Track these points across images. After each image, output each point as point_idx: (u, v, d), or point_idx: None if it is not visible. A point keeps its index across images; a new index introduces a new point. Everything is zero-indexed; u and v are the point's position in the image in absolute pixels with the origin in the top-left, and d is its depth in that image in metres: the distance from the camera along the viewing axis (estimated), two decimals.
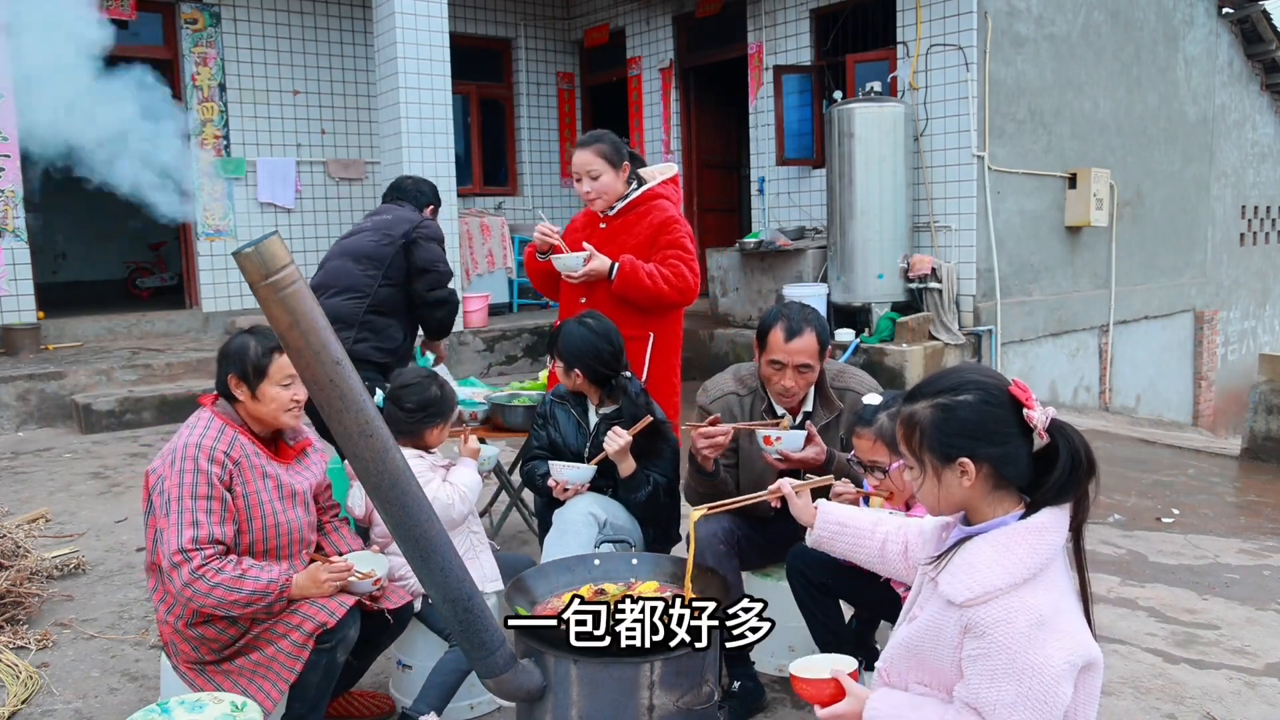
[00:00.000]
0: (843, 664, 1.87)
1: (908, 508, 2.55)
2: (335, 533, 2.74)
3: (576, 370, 3.11)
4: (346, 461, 2.83)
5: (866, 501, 2.57)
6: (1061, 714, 1.59)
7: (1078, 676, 1.63)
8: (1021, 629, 1.58)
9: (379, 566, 2.55)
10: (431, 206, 4.26)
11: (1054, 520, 1.67)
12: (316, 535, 2.66)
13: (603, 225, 3.61)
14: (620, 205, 3.58)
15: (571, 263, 3.43)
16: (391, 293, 3.98)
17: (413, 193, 4.27)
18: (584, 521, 2.90)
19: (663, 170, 3.71)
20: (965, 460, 1.68)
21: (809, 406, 2.92)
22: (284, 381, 2.46)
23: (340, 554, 2.63)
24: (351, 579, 2.49)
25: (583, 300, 3.53)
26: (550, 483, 3.02)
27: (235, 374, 2.46)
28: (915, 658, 1.79)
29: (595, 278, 3.44)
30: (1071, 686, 1.59)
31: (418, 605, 2.75)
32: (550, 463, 3.05)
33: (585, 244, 3.49)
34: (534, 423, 3.35)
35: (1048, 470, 1.68)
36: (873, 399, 2.57)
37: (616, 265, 3.42)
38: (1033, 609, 1.59)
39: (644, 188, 3.61)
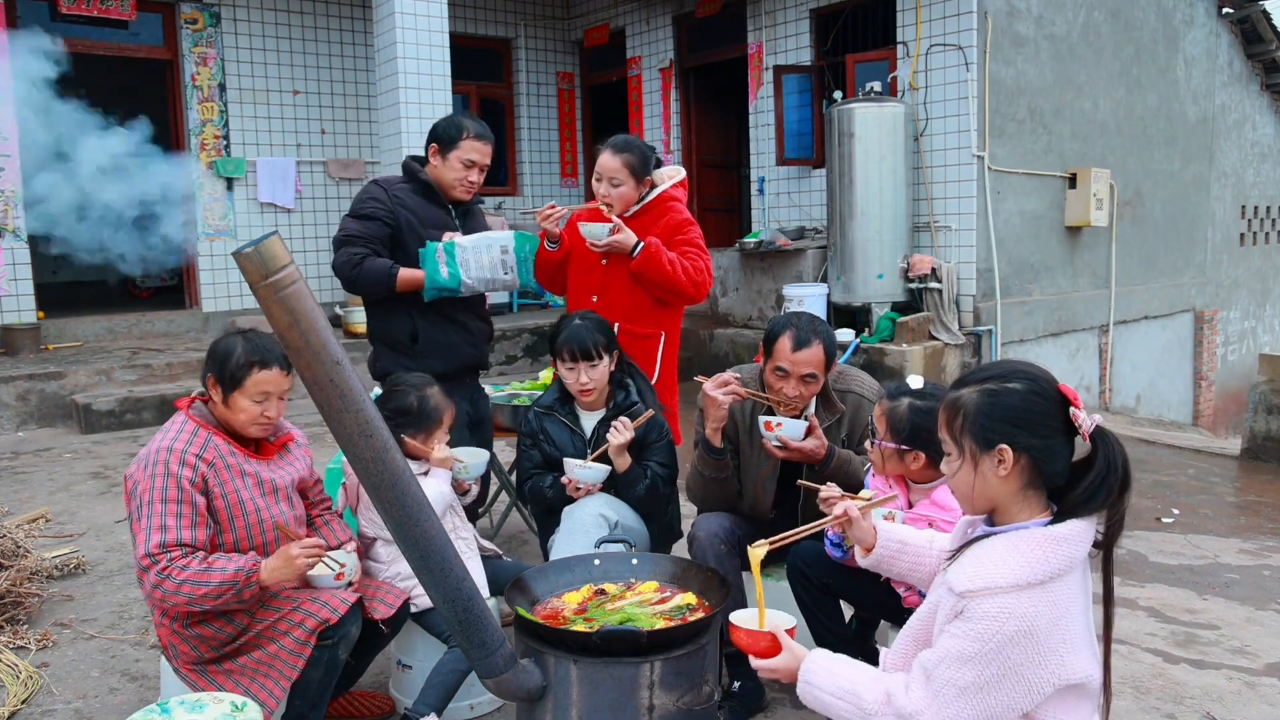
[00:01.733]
0: (781, 620, 1.90)
1: (907, 488, 2.57)
2: (325, 526, 2.74)
3: (615, 353, 3.12)
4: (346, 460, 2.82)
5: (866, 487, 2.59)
6: (1012, 718, 1.59)
7: (1064, 692, 1.61)
8: (1008, 633, 1.57)
9: (349, 565, 2.54)
10: (434, 146, 3.47)
11: (1076, 533, 1.63)
12: (305, 530, 2.66)
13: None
14: (635, 208, 3.59)
15: (598, 230, 3.44)
16: None
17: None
18: (595, 522, 2.88)
19: (671, 174, 3.72)
20: (1005, 448, 1.65)
21: (811, 409, 2.93)
22: (257, 397, 2.45)
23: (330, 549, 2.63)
24: (313, 573, 2.48)
25: (594, 299, 3.53)
26: (564, 480, 3.00)
27: (214, 375, 2.47)
28: (914, 639, 1.80)
29: (618, 250, 3.45)
30: (1033, 701, 1.59)
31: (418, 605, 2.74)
32: (565, 460, 3.01)
33: (614, 217, 3.51)
34: (521, 444, 3.25)
35: (1082, 477, 1.66)
36: (916, 380, 2.58)
37: (641, 244, 3.44)
38: (1025, 617, 1.57)
39: (657, 190, 3.62)
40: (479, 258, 3.37)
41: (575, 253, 3.60)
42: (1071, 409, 1.65)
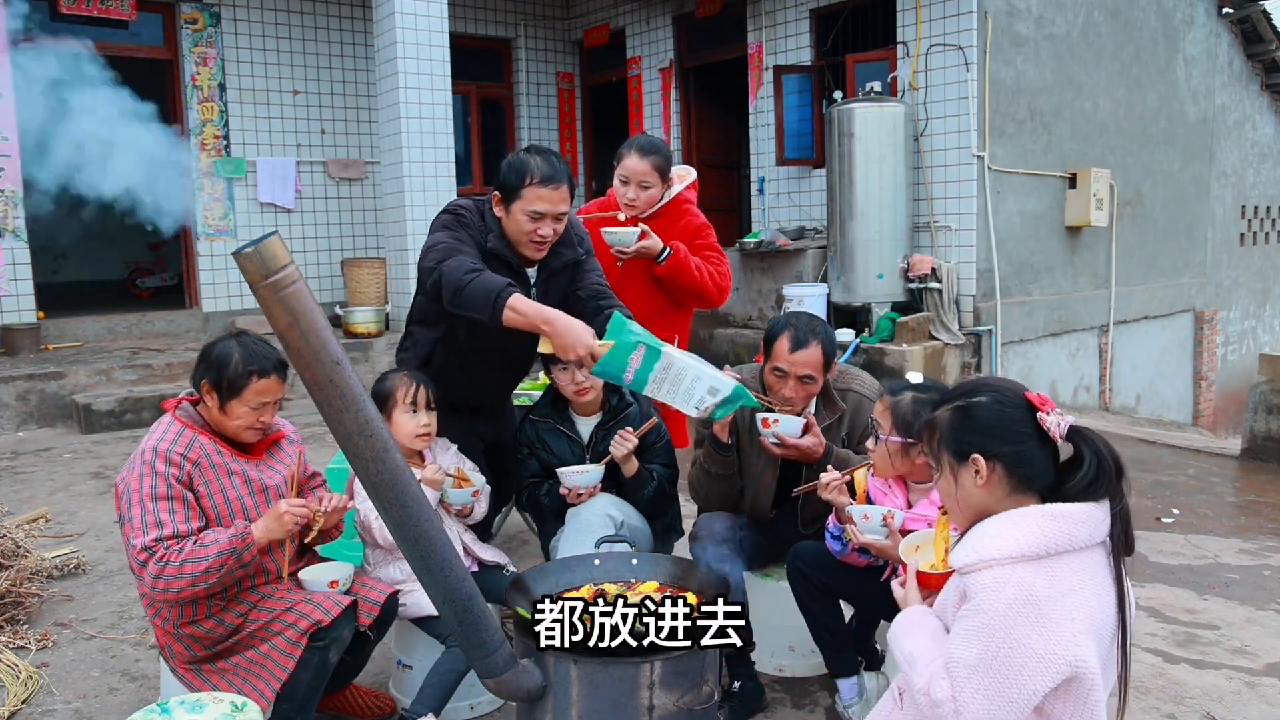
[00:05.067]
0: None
1: (905, 487, 2.57)
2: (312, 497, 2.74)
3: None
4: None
5: (852, 489, 2.60)
6: (1027, 702, 1.58)
7: (1063, 687, 1.61)
8: (1006, 599, 1.60)
9: (343, 574, 2.55)
10: (497, 195, 2.88)
11: (1077, 512, 1.67)
12: (299, 529, 2.65)
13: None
14: (650, 210, 3.60)
15: (626, 238, 3.42)
16: (422, 300, 3.11)
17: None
18: (601, 522, 2.88)
19: (683, 175, 3.73)
20: (978, 457, 1.74)
21: (810, 407, 2.93)
22: (255, 404, 2.45)
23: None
24: (308, 577, 2.51)
25: None
26: (562, 490, 2.98)
27: (209, 381, 2.45)
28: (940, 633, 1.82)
29: (645, 256, 3.45)
30: (1047, 679, 1.57)
31: (408, 601, 2.72)
32: (560, 470, 2.98)
33: (639, 223, 3.51)
34: (518, 454, 3.22)
35: (1074, 474, 1.72)
36: (915, 376, 2.62)
37: (668, 249, 3.43)
38: (1023, 585, 1.60)
39: (672, 192, 3.64)
40: (676, 384, 2.62)
41: None
42: (1039, 414, 1.73)
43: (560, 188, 2.80)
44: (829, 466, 2.78)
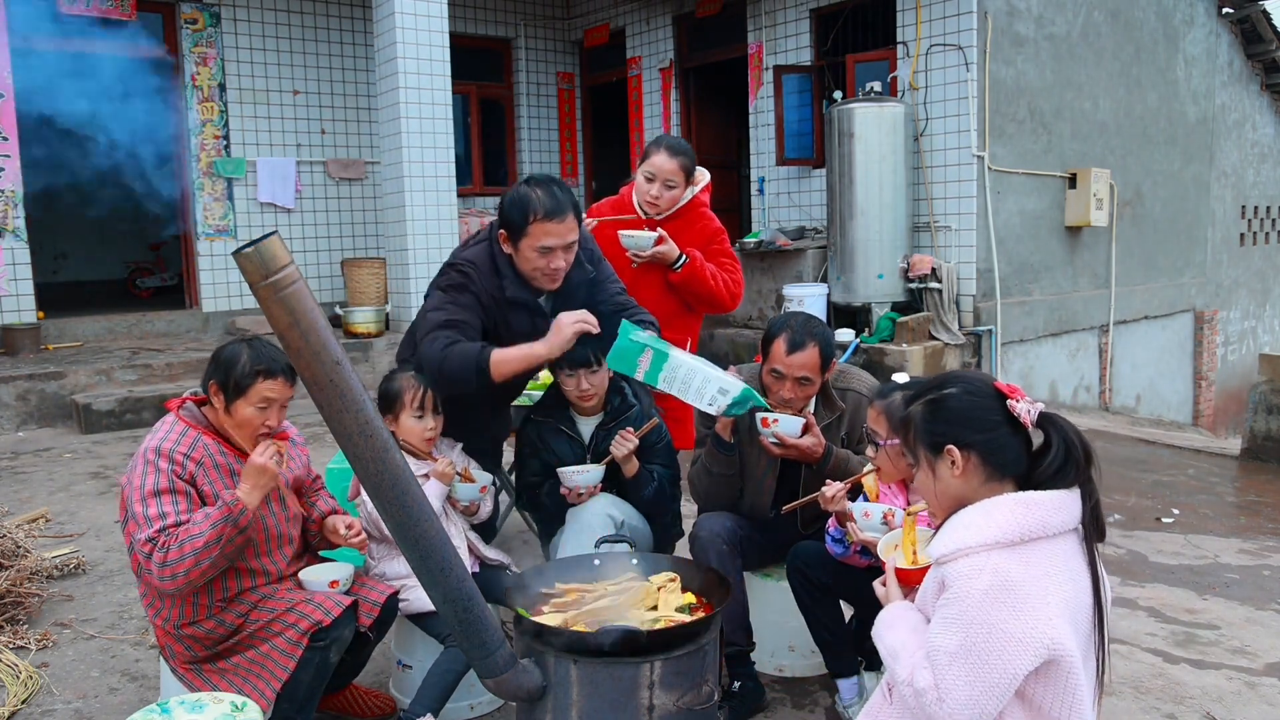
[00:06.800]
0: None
1: (906, 489, 2.57)
2: (313, 508, 2.75)
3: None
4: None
5: (854, 495, 2.59)
6: (1008, 686, 1.60)
7: (1042, 670, 1.62)
8: (982, 587, 1.61)
9: (343, 574, 2.56)
10: (503, 233, 2.86)
11: (1048, 499, 1.69)
12: (299, 529, 2.66)
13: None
14: (670, 211, 3.61)
15: (642, 241, 3.43)
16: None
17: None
18: (601, 522, 2.89)
19: (696, 179, 3.73)
20: (952, 448, 1.76)
21: (810, 407, 2.93)
22: (260, 405, 2.45)
23: (323, 515, 2.69)
24: (308, 577, 2.52)
25: None
26: (563, 490, 2.99)
27: (217, 381, 2.46)
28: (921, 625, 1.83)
29: (660, 261, 3.45)
30: (1025, 662, 1.59)
31: (410, 597, 2.72)
32: (560, 470, 2.99)
33: (657, 226, 3.52)
34: (520, 454, 3.22)
35: (1043, 460, 1.75)
36: (900, 377, 2.65)
37: (684, 257, 3.43)
38: (999, 571, 1.62)
39: (689, 195, 3.64)
40: (686, 384, 2.72)
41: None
42: (1008, 401, 1.76)
43: (566, 219, 2.75)
44: (828, 469, 2.78)
